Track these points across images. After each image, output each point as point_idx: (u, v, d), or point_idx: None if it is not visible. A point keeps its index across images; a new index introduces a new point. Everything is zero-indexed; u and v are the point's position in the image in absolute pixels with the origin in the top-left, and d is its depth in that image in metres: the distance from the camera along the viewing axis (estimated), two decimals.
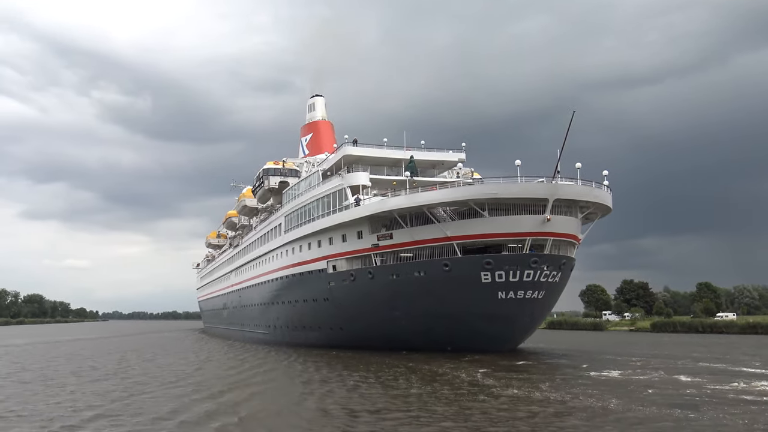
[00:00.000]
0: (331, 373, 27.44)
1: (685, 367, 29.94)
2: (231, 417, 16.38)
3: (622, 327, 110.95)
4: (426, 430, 14.39)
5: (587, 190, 37.02)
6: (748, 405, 17.59)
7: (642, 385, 22.32)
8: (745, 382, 22.91)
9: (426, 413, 16.37)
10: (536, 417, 15.74)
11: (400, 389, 21.52)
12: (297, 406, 18.66)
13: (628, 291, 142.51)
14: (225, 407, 18.05)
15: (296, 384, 24.19)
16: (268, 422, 16.27)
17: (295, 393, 21.50)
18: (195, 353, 44.72)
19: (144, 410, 17.08)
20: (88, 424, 15.31)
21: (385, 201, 39.03)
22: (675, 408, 16.78)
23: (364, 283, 40.75)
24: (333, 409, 17.64)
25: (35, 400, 19.27)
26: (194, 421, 15.79)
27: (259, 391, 22.52)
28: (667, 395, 19.41)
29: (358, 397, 19.88)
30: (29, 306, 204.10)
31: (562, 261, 37.35)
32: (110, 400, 19.36)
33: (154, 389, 22.10)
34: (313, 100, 67.78)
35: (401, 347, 38.86)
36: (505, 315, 36.45)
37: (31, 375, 27.88)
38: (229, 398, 20.18)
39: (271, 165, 58.48)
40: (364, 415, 16.45)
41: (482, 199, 35.83)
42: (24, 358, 39.03)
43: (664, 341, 60.22)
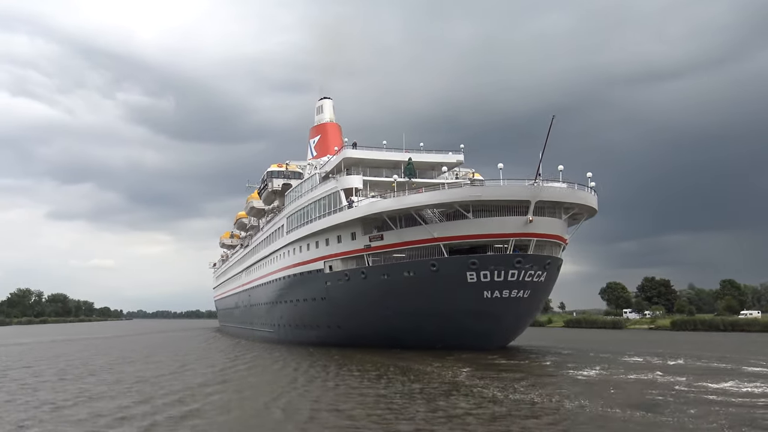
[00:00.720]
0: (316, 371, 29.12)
1: (676, 365, 30.33)
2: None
3: (642, 325, 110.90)
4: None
5: (569, 192, 38.49)
6: (715, 406, 17.72)
7: (614, 384, 22.71)
8: (735, 383, 22.76)
9: (392, 413, 16.81)
10: (497, 419, 15.96)
11: (374, 389, 22.09)
12: (264, 404, 19.15)
13: (649, 288, 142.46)
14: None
15: (267, 382, 25.57)
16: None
17: (265, 391, 22.16)
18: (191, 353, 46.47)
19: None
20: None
21: (375, 203, 40.98)
22: (633, 408, 17.04)
23: (357, 282, 42.73)
24: (297, 408, 18.38)
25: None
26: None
27: (218, 390, 22.76)
28: (631, 394, 19.83)
29: (331, 396, 20.84)
30: (53, 305, 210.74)
31: (547, 261, 38.84)
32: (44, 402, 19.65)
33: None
34: (321, 103, 69.87)
35: (395, 345, 40.72)
36: (491, 313, 38.07)
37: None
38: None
39: (274, 168, 60.90)
40: (324, 414, 17.19)
41: (467, 201, 37.55)
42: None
43: (678, 339, 60.63)
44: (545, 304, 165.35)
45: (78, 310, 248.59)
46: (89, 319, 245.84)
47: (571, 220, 42.22)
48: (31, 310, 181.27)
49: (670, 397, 19.16)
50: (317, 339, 49.19)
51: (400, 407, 17.88)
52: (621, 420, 15.65)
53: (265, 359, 38.62)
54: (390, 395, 20.30)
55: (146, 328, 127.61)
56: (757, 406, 17.80)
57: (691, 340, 58.76)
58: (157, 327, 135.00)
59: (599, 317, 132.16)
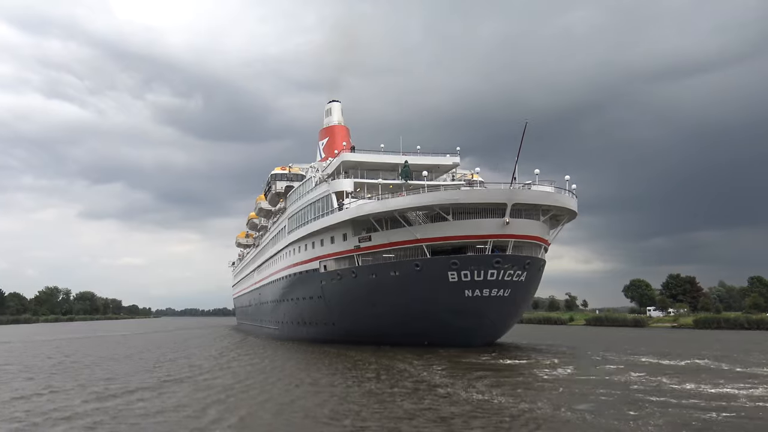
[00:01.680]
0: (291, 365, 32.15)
1: (661, 365, 30.57)
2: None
3: (665, 323, 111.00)
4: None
5: (545, 194, 40.61)
6: (659, 406, 17.78)
7: (575, 384, 23.03)
8: (711, 384, 22.79)
9: (345, 413, 17.69)
10: (443, 420, 16.49)
11: (339, 387, 23.26)
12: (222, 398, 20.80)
13: (674, 286, 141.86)
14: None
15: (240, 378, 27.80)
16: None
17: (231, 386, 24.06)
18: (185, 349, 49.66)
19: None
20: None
21: (363, 206, 43.67)
22: (576, 409, 17.46)
23: (349, 281, 45.50)
24: (240, 399, 20.45)
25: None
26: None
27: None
28: (583, 395, 20.23)
29: (296, 394, 22.19)
30: (81, 303, 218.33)
31: (527, 261, 40.99)
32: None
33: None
34: (329, 106, 72.58)
35: (385, 341, 43.44)
36: (473, 312, 40.42)
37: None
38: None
39: (278, 170, 63.98)
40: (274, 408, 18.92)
41: (446, 204, 39.98)
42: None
43: (696, 338, 61.10)
44: (571, 302, 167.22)
45: (106, 308, 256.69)
46: (117, 317, 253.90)
47: (554, 222, 44.33)
48: (59, 308, 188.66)
49: (619, 398, 19.55)
50: (315, 336, 52.18)
51: (347, 403, 19.32)
52: (551, 420, 16.11)
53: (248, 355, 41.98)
54: (349, 394, 21.49)
55: (166, 325, 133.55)
56: (706, 408, 17.74)
57: (707, 339, 59.20)
58: (178, 325, 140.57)
59: (621, 315, 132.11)
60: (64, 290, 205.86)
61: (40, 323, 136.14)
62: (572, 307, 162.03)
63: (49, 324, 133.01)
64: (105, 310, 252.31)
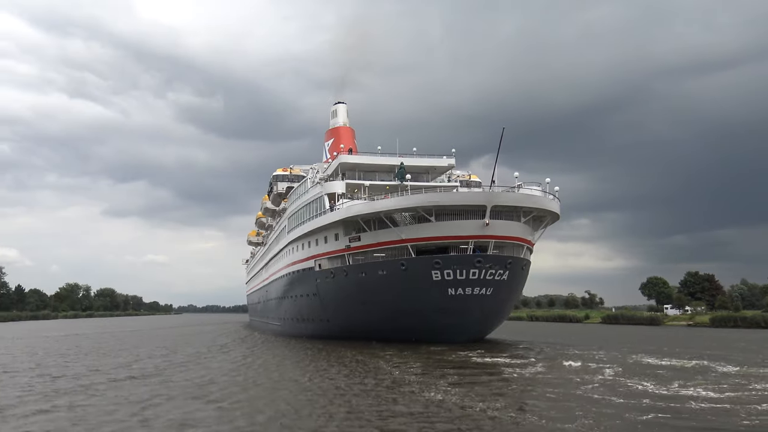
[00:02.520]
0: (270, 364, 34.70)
1: (640, 364, 30.77)
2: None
3: (680, 322, 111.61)
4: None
5: (524, 196, 42.76)
6: (595, 405, 18.09)
7: (534, 383, 23.43)
8: (671, 384, 22.64)
9: (287, 410, 18.16)
10: (387, 418, 16.91)
11: (302, 383, 24.25)
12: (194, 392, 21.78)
13: (692, 284, 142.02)
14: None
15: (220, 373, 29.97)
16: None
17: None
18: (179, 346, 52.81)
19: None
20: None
21: (351, 207, 46.25)
22: (518, 408, 17.87)
23: (340, 280, 48.13)
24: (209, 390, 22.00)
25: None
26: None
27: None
28: (534, 394, 20.67)
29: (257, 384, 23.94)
30: (101, 300, 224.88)
31: (508, 261, 43.18)
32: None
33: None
34: (335, 107, 75.05)
35: (376, 338, 45.96)
36: (456, 309, 42.72)
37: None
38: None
39: (280, 172, 66.93)
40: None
41: (429, 206, 42.35)
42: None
43: (703, 336, 61.91)
44: (591, 300, 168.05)
45: (126, 305, 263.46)
46: (137, 314, 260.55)
47: (537, 224, 46.46)
48: (79, 305, 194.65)
49: (565, 397, 19.88)
50: (313, 332, 55.00)
51: (299, 399, 20.33)
52: (489, 418, 16.47)
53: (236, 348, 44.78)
54: (310, 388, 22.72)
55: (181, 322, 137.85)
56: (648, 408, 17.81)
57: (718, 337, 59.82)
58: (192, 321, 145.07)
59: (636, 313, 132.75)
60: (84, 287, 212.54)
61: (59, 319, 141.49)
62: (592, 306, 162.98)
63: (67, 320, 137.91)
64: (125, 307, 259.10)
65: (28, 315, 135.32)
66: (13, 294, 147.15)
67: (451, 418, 16.63)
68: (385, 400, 19.72)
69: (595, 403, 18.47)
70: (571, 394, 20.61)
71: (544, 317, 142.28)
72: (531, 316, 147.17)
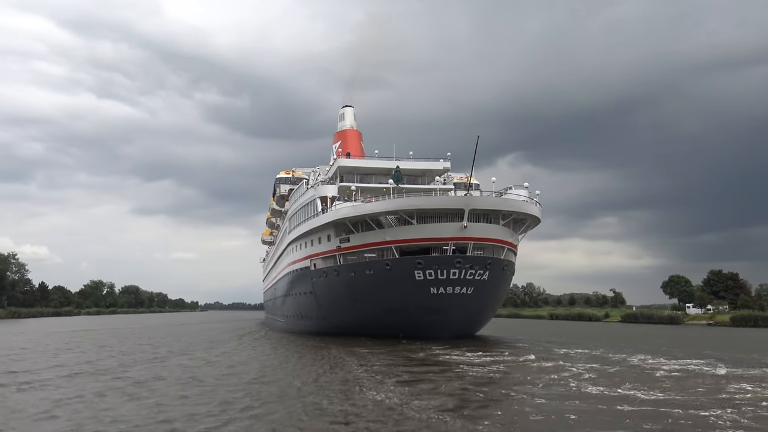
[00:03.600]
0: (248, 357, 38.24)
1: (612, 362, 31.39)
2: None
3: (700, 321, 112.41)
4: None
5: (501, 200, 45.64)
6: (517, 404, 18.66)
7: (479, 381, 23.87)
8: (622, 386, 22.57)
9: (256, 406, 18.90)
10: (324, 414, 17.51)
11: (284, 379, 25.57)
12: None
13: (716, 282, 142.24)
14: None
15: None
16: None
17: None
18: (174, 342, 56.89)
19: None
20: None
21: (339, 211, 49.57)
22: (445, 408, 18.15)
23: (333, 279, 51.51)
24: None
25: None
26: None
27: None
28: (470, 394, 20.96)
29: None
30: (125, 297, 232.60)
31: (488, 262, 46.00)
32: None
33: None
34: (343, 110, 78.14)
35: (365, 334, 49.21)
36: (438, 308, 45.69)
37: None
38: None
39: (282, 174, 70.67)
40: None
41: (411, 209, 45.44)
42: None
43: (717, 336, 62.82)
44: (616, 298, 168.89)
45: (151, 302, 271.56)
46: (161, 311, 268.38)
47: (519, 226, 49.27)
48: (103, 302, 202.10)
49: (503, 396, 20.53)
50: (311, 329, 58.63)
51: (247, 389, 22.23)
52: (407, 418, 16.75)
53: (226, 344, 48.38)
54: (265, 382, 24.12)
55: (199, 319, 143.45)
56: (571, 408, 18.11)
57: (732, 337, 60.70)
58: (213, 318, 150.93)
59: (655, 312, 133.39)
60: (108, 284, 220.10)
61: (82, 316, 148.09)
62: (617, 304, 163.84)
63: (89, 317, 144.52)
64: (150, 304, 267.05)
65: (50, 311, 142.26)
66: (36, 291, 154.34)
67: (372, 418, 16.86)
68: (326, 397, 20.40)
69: (521, 403, 18.91)
70: (507, 394, 21.03)
71: (564, 316, 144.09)
72: (551, 314, 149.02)
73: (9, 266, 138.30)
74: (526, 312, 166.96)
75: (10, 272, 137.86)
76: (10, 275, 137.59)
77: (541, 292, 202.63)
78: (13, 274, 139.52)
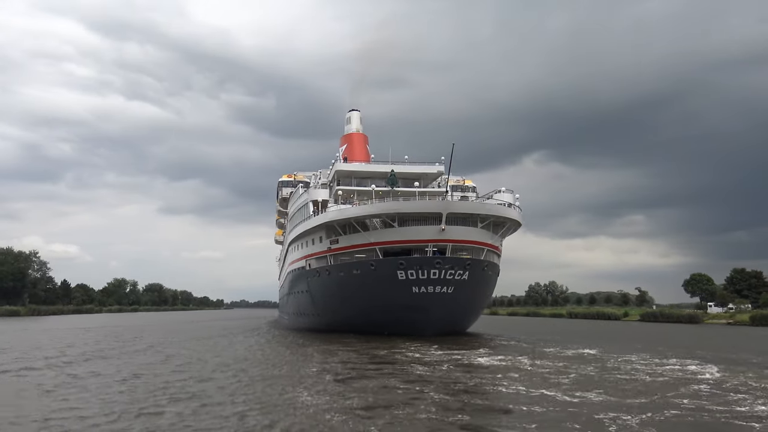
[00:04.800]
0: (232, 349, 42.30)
1: (584, 360, 32.81)
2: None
3: (720, 320, 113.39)
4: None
5: (478, 205, 49.23)
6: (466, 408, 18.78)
7: (417, 381, 24.56)
8: (560, 388, 22.57)
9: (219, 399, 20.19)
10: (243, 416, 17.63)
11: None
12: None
13: (738, 281, 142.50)
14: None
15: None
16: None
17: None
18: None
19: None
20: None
21: (327, 214, 53.69)
22: (371, 405, 19.00)
23: (325, 278, 55.52)
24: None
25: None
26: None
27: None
28: (404, 392, 21.65)
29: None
30: (149, 294, 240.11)
31: (467, 262, 49.43)
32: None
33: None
34: (349, 114, 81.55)
35: (355, 331, 53.06)
36: (421, 306, 49.14)
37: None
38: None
39: (285, 178, 74.98)
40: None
41: (392, 213, 49.20)
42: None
43: (728, 335, 64.37)
44: (641, 297, 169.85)
45: (175, 300, 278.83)
46: (185, 309, 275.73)
47: (499, 229, 52.67)
48: (126, 300, 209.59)
49: (420, 396, 20.91)
50: (308, 325, 62.92)
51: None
52: (306, 416, 17.42)
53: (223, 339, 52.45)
54: (219, 376, 26.10)
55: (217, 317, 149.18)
56: (481, 408, 18.88)
57: (740, 336, 62.00)
58: (234, 315, 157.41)
59: (674, 311, 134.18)
60: (131, 282, 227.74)
61: (102, 313, 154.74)
62: (642, 303, 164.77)
63: (110, 314, 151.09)
64: (174, 302, 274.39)
65: (71, 309, 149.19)
66: (58, 289, 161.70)
67: (284, 414, 17.66)
68: (266, 393, 21.38)
69: (436, 404, 19.24)
70: (421, 391, 21.69)
71: (583, 314, 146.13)
72: (570, 313, 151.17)
73: (30, 264, 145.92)
74: (545, 311, 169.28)
75: (32, 270, 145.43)
76: (32, 273, 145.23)
77: (564, 290, 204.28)
78: (35, 272, 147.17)
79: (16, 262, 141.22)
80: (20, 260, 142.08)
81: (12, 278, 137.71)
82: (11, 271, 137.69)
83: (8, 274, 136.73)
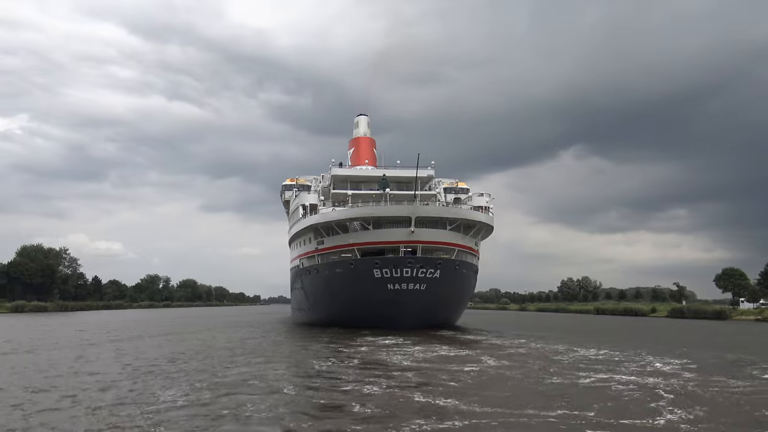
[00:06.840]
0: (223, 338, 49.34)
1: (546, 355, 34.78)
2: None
3: (749, 316, 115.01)
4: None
5: (444, 209, 55.59)
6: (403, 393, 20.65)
7: (373, 374, 25.88)
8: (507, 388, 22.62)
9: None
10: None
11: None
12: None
13: None
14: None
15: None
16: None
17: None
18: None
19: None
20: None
21: (312, 217, 60.69)
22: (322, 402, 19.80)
23: (314, 276, 62.54)
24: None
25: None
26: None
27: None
28: (356, 386, 22.60)
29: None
30: (182, 290, 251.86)
31: (438, 262, 55.53)
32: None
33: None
34: (357, 119, 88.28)
35: (340, 324, 59.62)
36: (396, 301, 55.24)
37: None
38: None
39: (288, 182, 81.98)
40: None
41: (367, 216, 55.77)
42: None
43: (731, 331, 65.64)
44: (680, 292, 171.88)
45: (209, 296, 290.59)
46: (219, 304, 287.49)
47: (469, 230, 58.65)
48: (159, 296, 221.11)
49: (384, 388, 22.10)
50: (305, 320, 70.47)
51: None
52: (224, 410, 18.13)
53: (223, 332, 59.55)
54: (185, 367, 34.17)
55: (245, 312, 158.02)
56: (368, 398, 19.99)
57: (760, 331, 64.21)
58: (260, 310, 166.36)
59: (701, 307, 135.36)
60: (164, 278, 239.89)
61: (132, 309, 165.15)
62: (680, 299, 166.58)
63: (141, 310, 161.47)
64: (208, 298, 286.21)
65: (101, 305, 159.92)
66: (90, 285, 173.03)
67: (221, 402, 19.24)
68: (230, 385, 22.71)
69: (367, 396, 20.38)
70: (390, 388, 22.33)
71: (611, 311, 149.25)
72: (597, 309, 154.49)
73: (60, 261, 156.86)
74: (572, 307, 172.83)
75: (62, 267, 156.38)
76: (62, 269, 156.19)
77: (597, 285, 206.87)
78: (65, 269, 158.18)
79: (46, 258, 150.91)
80: (50, 257, 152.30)
81: (41, 275, 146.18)
82: (40, 268, 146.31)
83: (37, 270, 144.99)
